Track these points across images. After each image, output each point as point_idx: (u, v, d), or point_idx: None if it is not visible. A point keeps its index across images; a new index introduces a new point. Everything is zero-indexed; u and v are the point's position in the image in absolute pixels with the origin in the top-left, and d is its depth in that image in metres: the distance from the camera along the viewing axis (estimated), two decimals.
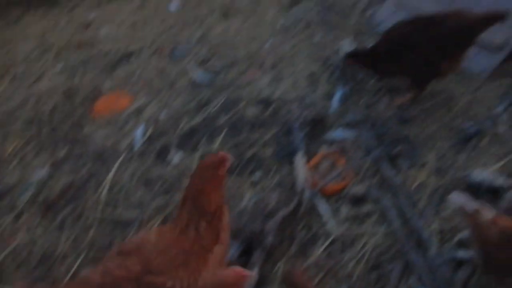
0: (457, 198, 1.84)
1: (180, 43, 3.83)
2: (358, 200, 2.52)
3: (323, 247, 2.30)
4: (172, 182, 2.69)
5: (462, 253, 2.19)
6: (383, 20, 3.84)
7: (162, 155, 2.86)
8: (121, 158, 2.82)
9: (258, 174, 2.70)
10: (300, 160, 2.67)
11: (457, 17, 2.74)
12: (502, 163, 2.67)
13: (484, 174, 2.54)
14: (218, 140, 2.89)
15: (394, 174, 2.60)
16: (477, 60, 3.35)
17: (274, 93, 3.23)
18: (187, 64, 3.55)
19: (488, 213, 1.74)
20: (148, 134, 2.96)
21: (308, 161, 2.69)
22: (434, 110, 3.05)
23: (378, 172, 2.64)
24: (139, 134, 2.96)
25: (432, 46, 2.77)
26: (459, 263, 2.17)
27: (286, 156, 2.76)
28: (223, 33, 3.94)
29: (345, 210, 2.48)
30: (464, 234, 2.23)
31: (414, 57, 2.84)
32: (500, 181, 2.48)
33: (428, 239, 2.24)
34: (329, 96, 3.16)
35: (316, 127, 2.90)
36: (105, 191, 2.63)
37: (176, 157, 2.81)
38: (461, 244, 2.23)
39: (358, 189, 2.55)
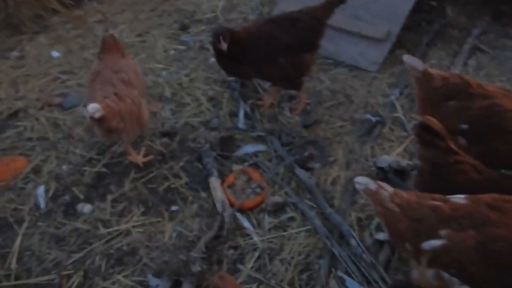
0: (360, 181, 2.14)
1: (70, 90, 3.97)
2: (278, 209, 2.83)
3: (252, 261, 2.56)
4: (87, 234, 2.79)
5: (381, 235, 2.58)
6: None
7: (71, 210, 2.95)
8: (26, 223, 2.87)
9: (175, 206, 2.91)
10: (215, 183, 2.93)
11: (307, 11, 3.23)
12: (403, 146, 3.17)
13: (390, 159, 2.98)
14: (128, 181, 3.06)
15: (308, 177, 2.96)
16: (366, 54, 3.91)
17: (178, 122, 3.48)
18: (82, 111, 3.70)
19: (387, 189, 2.07)
20: (51, 192, 3.04)
21: (223, 182, 2.97)
22: (336, 108, 3.51)
23: (293, 178, 2.99)
24: (41, 194, 3.02)
25: (293, 42, 3.18)
26: (380, 245, 2.56)
27: (201, 182, 3.01)
28: None
29: (268, 220, 2.78)
30: None
31: (275, 55, 3.17)
32: (404, 163, 2.94)
33: (348, 231, 2.58)
34: (233, 115, 3.49)
35: (226, 147, 3.19)
36: (14, 261, 2.66)
37: (86, 208, 2.92)
38: (379, 228, 2.61)
39: (276, 198, 2.86)
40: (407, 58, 2.62)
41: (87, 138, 3.40)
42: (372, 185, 2.08)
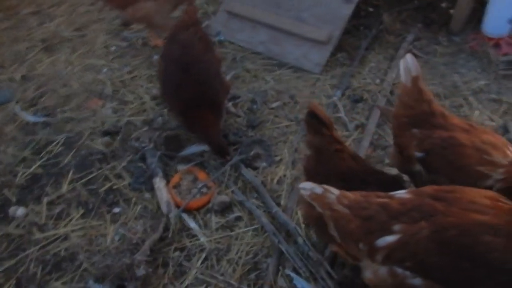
0: (306, 186, 2.04)
1: (1, 85, 3.65)
2: (225, 208, 2.75)
3: (199, 262, 2.47)
4: (20, 239, 2.58)
5: None
6: (220, 29, 4.24)
7: (1, 213, 2.71)
8: None
9: (118, 208, 2.75)
10: (160, 183, 2.80)
11: (184, 22, 3.11)
12: (347, 145, 3.20)
13: None
14: (66, 182, 2.86)
15: (255, 176, 2.91)
16: (309, 56, 3.94)
17: (120, 120, 3.31)
18: (14, 108, 3.42)
19: (333, 191, 2.00)
20: None
21: (168, 182, 2.84)
22: (281, 108, 3.49)
23: (239, 177, 2.93)
24: None
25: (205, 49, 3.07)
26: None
27: (145, 183, 2.87)
28: (50, 68, 3.87)
29: (215, 220, 2.69)
30: None
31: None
32: None
33: (294, 228, 2.55)
34: None
35: (171, 147, 3.06)
36: None
37: (18, 211, 2.69)
38: None
39: (223, 197, 2.78)
40: (408, 57, 2.38)
41: (21, 137, 3.13)
42: (318, 189, 2.00)
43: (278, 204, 2.75)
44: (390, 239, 1.83)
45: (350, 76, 3.77)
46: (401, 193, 1.95)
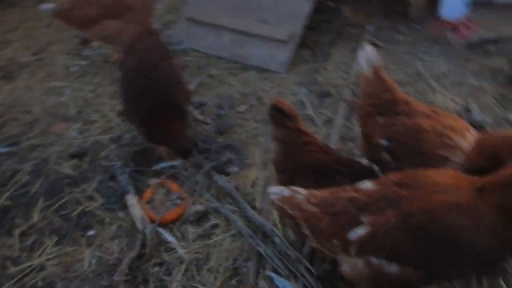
0: (274, 190, 2.08)
1: None
2: (201, 217, 2.76)
3: (180, 275, 2.47)
4: None
5: None
6: (182, 38, 4.27)
7: None
8: None
9: (92, 230, 2.73)
10: (132, 200, 2.80)
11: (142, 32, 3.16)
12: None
13: None
14: (37, 211, 2.82)
15: (227, 181, 2.94)
16: (274, 56, 4.00)
17: (86, 141, 3.30)
18: None
19: (301, 192, 2.04)
20: None
21: (141, 198, 2.84)
22: (249, 111, 3.53)
23: (212, 185, 2.95)
24: None
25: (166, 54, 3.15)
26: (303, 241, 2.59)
27: (118, 201, 2.86)
28: (10, 95, 3.83)
29: (192, 230, 2.70)
30: None
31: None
32: None
33: (271, 229, 2.59)
34: None
35: (140, 162, 3.08)
36: None
37: None
38: None
39: (198, 207, 2.79)
40: (368, 48, 2.43)
41: None
42: (286, 191, 2.05)
43: (254, 207, 2.78)
44: (360, 231, 1.87)
45: (316, 72, 3.84)
46: (367, 184, 1.99)
